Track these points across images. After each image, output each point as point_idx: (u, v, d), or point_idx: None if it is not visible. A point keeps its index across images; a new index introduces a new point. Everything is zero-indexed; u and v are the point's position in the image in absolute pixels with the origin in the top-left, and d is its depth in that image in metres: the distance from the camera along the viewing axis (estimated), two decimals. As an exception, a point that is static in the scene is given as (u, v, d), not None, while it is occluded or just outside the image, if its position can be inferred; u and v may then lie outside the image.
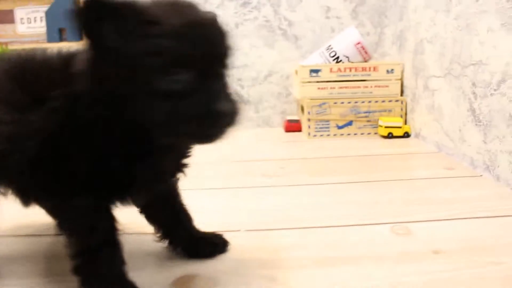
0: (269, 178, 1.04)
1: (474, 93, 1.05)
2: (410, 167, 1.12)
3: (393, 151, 1.27)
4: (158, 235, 0.64)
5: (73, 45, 1.54)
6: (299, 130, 1.60)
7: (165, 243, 0.64)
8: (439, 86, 1.24)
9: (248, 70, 1.65)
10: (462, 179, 1.00)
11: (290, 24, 1.65)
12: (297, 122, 1.60)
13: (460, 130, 1.13)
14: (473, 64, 1.05)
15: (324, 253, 0.65)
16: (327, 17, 1.65)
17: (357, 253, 0.65)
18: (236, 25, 1.64)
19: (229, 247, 0.66)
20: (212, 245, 0.65)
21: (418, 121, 1.41)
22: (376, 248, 0.66)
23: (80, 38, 1.26)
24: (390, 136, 1.44)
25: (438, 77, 1.24)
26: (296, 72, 1.57)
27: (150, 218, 0.64)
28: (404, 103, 1.49)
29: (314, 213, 0.81)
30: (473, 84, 1.06)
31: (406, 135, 1.44)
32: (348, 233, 0.72)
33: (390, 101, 1.48)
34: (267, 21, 1.64)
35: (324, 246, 0.68)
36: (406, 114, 1.50)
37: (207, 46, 0.46)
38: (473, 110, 1.06)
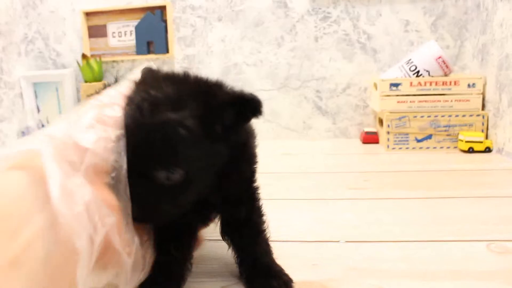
0: (355, 191, 1.08)
1: None
2: (497, 183, 1.12)
3: (477, 167, 1.27)
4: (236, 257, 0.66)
5: (160, 57, 1.65)
6: (376, 142, 1.63)
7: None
8: (526, 103, 1.24)
9: (327, 82, 1.70)
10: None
11: (369, 37, 1.68)
12: (375, 134, 1.63)
13: (549, 148, 1.12)
14: None
15: (424, 267, 0.69)
16: (406, 31, 1.67)
17: (457, 268, 0.68)
18: (316, 39, 1.69)
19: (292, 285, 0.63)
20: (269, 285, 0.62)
21: (501, 136, 1.40)
22: (474, 265, 0.69)
23: (166, 51, 1.36)
24: (470, 150, 1.43)
25: (526, 93, 1.24)
26: (375, 85, 1.60)
27: (231, 243, 0.67)
28: (486, 117, 1.48)
29: (408, 228, 0.84)
30: None
31: (488, 150, 1.44)
32: (445, 249, 0.75)
33: (471, 115, 1.48)
34: (346, 34, 1.68)
35: (423, 260, 0.71)
36: (487, 128, 1.49)
37: (131, 151, 0.46)
38: None
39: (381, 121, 1.58)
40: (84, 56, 1.72)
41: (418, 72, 1.52)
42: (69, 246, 0.38)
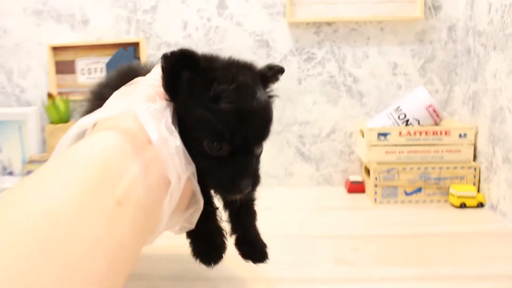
0: (343, 268, 0.97)
1: None
2: (497, 255, 1.03)
3: (473, 229, 1.18)
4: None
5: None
6: (362, 191, 1.53)
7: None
8: (524, 163, 1.16)
9: (310, 126, 1.60)
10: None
11: (355, 80, 1.59)
12: (361, 183, 1.54)
13: (551, 217, 1.04)
14: None
15: None
16: (394, 74, 1.59)
17: None
18: (299, 81, 1.60)
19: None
20: (252, 253, 0.74)
21: (494, 192, 1.32)
22: None
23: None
24: (463, 206, 1.35)
25: (523, 152, 1.16)
26: (362, 132, 1.51)
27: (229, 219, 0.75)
28: (477, 169, 1.40)
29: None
30: None
31: (480, 205, 1.35)
32: None
33: (462, 167, 1.40)
34: (331, 76, 1.60)
35: None
36: (479, 181, 1.41)
37: (248, 131, 0.56)
38: None
39: (367, 170, 1.49)
40: (49, 96, 1.59)
41: (407, 120, 1.43)
42: (164, 180, 0.49)
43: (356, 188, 1.54)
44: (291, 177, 1.63)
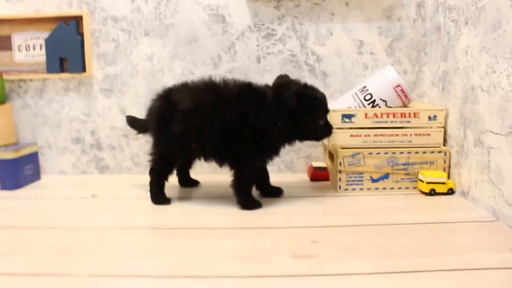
0: (301, 261, 0.85)
1: (551, 163, 0.87)
2: (470, 245, 0.92)
3: (444, 217, 1.08)
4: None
5: (75, 76, 1.38)
6: (327, 179, 1.42)
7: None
8: (497, 145, 1.06)
9: (270, 109, 1.48)
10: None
11: (318, 59, 1.48)
12: (324, 170, 1.43)
13: (528, 203, 0.95)
14: (550, 128, 0.87)
15: None
16: (360, 53, 1.48)
17: None
18: (258, 59, 1.47)
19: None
20: (276, 192, 1.30)
21: (466, 178, 1.22)
22: None
23: (83, 70, 1.10)
24: (432, 193, 1.25)
25: (497, 134, 1.06)
26: (325, 114, 1.39)
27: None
28: (448, 154, 1.30)
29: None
30: (550, 152, 0.87)
31: (450, 191, 1.26)
32: None
33: (432, 152, 1.30)
34: (292, 55, 1.47)
35: None
36: (449, 167, 1.31)
37: (325, 108, 1.20)
38: (549, 183, 0.88)
39: (331, 156, 1.38)
40: (-20, 74, 1.42)
41: (373, 101, 1.33)
42: None
43: (319, 175, 1.42)
44: (250, 164, 1.51)
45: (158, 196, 1.22)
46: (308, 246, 0.92)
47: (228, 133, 1.13)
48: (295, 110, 1.13)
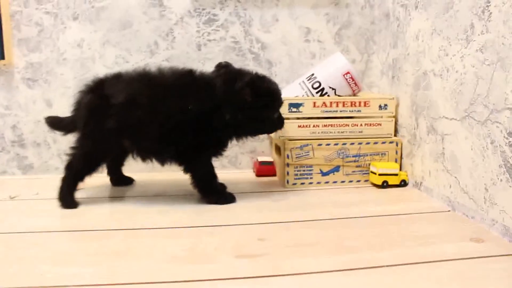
0: (247, 261, 0.75)
1: (511, 145, 0.82)
2: (429, 237, 0.85)
3: (398, 209, 1.01)
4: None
5: None
6: (273, 174, 1.33)
7: None
8: (452, 131, 1.01)
9: (213, 100, 1.37)
10: (502, 259, 0.75)
11: (263, 46, 1.39)
12: (271, 164, 1.33)
13: (487, 189, 0.89)
14: (509, 108, 0.82)
15: None
16: (307, 40, 1.40)
17: None
18: (198, 46, 1.36)
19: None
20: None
21: (418, 168, 1.17)
22: None
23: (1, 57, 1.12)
24: (385, 185, 1.19)
25: (451, 119, 1.01)
26: (271, 105, 1.30)
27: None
28: (399, 144, 1.25)
29: None
30: (510, 133, 0.82)
31: (403, 183, 1.20)
32: None
33: (383, 142, 1.24)
34: (236, 42, 1.38)
35: None
36: (401, 157, 1.26)
37: (280, 101, 1.09)
38: (509, 167, 0.82)
39: (278, 149, 1.29)
40: None
41: (322, 90, 1.25)
42: None
43: (265, 170, 1.33)
44: (192, 160, 1.39)
45: (67, 198, 1.05)
46: (255, 244, 0.82)
47: (170, 128, 1.01)
48: (248, 103, 1.01)
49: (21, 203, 1.10)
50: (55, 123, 1.17)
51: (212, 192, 1.09)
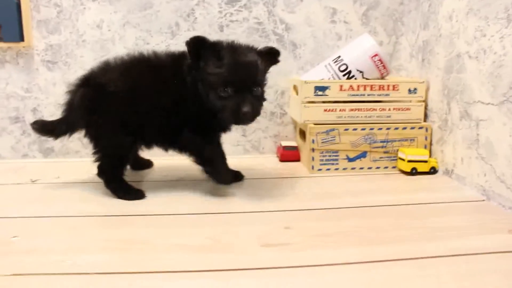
0: (272, 250, 0.72)
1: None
2: (462, 228, 0.81)
3: (429, 198, 0.97)
4: None
5: (12, 46, 1.20)
6: (298, 159, 1.29)
7: None
8: (488, 116, 0.95)
9: (235, 83, 1.33)
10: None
11: (287, 28, 1.34)
12: (295, 149, 1.30)
13: (526, 179, 0.84)
14: (554, 93, 0.76)
15: None
16: (333, 21, 1.35)
17: None
18: (221, 28, 1.32)
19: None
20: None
21: (450, 155, 1.12)
22: None
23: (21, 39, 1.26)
24: (413, 172, 1.14)
25: (488, 104, 0.95)
26: (295, 88, 1.26)
27: None
28: (429, 130, 1.20)
29: None
30: (555, 119, 0.77)
31: (433, 170, 1.15)
32: None
33: (412, 128, 1.19)
34: (259, 23, 1.33)
35: None
36: (431, 144, 1.21)
37: (242, 76, 0.88)
38: (553, 156, 0.77)
39: (303, 134, 1.25)
40: None
41: (349, 72, 1.20)
42: None
43: (290, 155, 1.29)
44: (213, 144, 1.36)
45: (128, 192, 0.99)
46: (281, 233, 0.79)
47: (171, 113, 0.95)
48: (192, 66, 0.91)
49: (42, 187, 1.09)
50: (44, 127, 1.07)
51: (217, 171, 1.01)
